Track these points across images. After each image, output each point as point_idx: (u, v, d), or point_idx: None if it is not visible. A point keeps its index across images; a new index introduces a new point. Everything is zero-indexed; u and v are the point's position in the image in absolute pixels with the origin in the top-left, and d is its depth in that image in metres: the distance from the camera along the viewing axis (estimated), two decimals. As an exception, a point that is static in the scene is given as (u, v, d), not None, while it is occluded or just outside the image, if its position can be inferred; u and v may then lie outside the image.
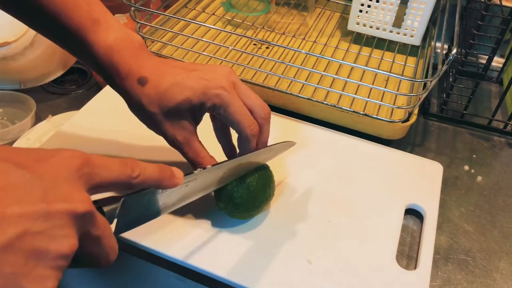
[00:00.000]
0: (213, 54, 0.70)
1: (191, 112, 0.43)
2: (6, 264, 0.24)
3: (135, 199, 0.36)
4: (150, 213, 0.39)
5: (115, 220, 0.35)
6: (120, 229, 0.36)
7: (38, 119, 0.66)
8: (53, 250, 0.25)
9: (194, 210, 0.50)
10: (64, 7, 0.41)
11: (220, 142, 0.48)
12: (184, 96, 0.42)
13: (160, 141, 0.50)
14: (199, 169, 0.42)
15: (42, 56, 0.70)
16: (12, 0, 0.42)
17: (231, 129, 0.47)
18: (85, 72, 0.77)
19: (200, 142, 0.46)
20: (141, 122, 0.46)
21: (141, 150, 0.56)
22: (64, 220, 0.26)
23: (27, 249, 0.24)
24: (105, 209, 0.33)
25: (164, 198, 0.39)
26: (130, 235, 0.48)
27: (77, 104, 0.68)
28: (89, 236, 0.29)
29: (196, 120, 0.45)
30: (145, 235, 0.48)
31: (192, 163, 0.45)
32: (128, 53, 0.43)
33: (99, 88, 0.70)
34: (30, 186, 0.26)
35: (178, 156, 0.46)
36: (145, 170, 0.34)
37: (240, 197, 0.46)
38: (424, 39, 0.75)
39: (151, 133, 0.51)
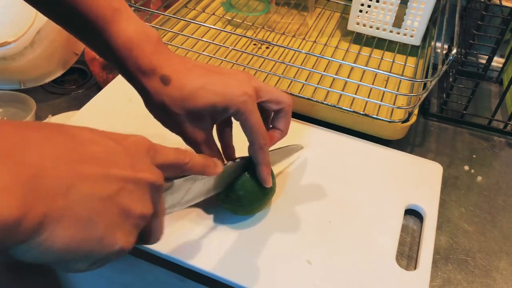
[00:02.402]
0: (213, 54, 0.70)
1: (213, 115, 0.43)
2: (109, 213, 0.28)
3: (182, 182, 0.40)
4: (187, 199, 0.42)
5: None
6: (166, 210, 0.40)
7: (38, 119, 0.66)
8: (137, 210, 0.30)
9: (193, 210, 0.51)
10: None
11: (220, 143, 0.49)
12: (209, 101, 0.41)
13: (158, 141, 0.49)
14: (229, 162, 0.45)
15: (42, 56, 0.70)
16: None
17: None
18: (85, 72, 0.77)
19: (215, 142, 0.47)
20: (141, 122, 0.46)
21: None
22: (146, 187, 0.31)
23: (121, 205, 0.29)
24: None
25: (200, 186, 0.43)
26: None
27: (77, 104, 0.68)
28: (155, 210, 0.33)
29: (215, 122, 0.45)
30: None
31: (206, 163, 0.45)
32: (148, 48, 0.42)
33: (99, 88, 0.70)
34: (123, 155, 0.31)
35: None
36: (193, 158, 0.38)
37: (244, 189, 0.46)
38: (424, 39, 0.75)
39: (151, 133, 0.50)
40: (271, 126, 0.48)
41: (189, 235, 0.48)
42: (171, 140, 0.50)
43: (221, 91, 0.42)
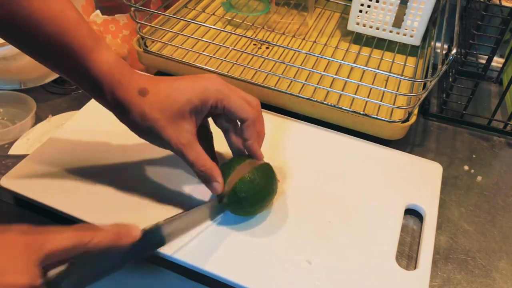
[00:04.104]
0: (213, 54, 0.70)
1: (193, 114, 0.46)
2: None
3: (81, 260, 0.36)
4: (107, 268, 0.40)
5: None
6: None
7: (38, 119, 0.66)
8: None
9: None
10: (67, 26, 0.42)
11: (232, 149, 0.50)
12: (185, 98, 0.44)
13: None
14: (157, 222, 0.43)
15: (42, 56, 0.70)
16: (6, 24, 0.42)
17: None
18: (85, 72, 0.77)
19: (200, 145, 0.46)
20: None
21: (141, 149, 0.56)
22: None
23: None
24: (50, 273, 0.35)
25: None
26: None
27: (77, 104, 0.68)
28: None
29: (196, 123, 0.47)
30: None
31: (195, 166, 0.46)
32: (126, 70, 0.46)
33: (99, 88, 0.70)
34: None
35: (170, 156, 0.46)
36: (97, 235, 0.36)
37: (245, 191, 0.46)
38: (424, 39, 0.75)
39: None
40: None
41: (189, 235, 0.48)
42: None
43: (195, 87, 0.45)
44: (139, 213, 0.50)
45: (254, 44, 0.77)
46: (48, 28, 0.42)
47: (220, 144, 0.52)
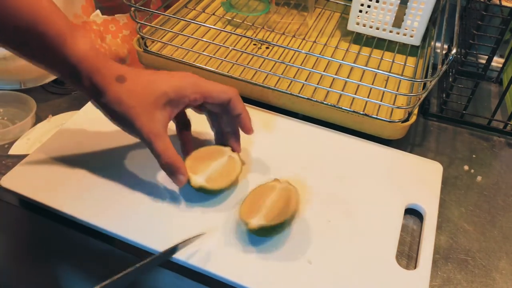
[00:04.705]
0: (213, 54, 0.70)
1: (167, 106, 0.48)
2: None
3: None
4: None
5: None
6: None
7: (38, 119, 0.66)
8: None
9: (193, 211, 0.51)
10: (43, 15, 0.44)
11: (213, 130, 0.55)
12: (162, 90, 0.47)
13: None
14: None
15: (42, 56, 0.70)
16: None
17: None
18: (85, 72, 0.77)
19: (168, 138, 0.49)
20: None
21: (141, 150, 0.56)
22: None
23: None
24: None
25: None
26: (131, 235, 0.48)
27: (77, 104, 0.68)
28: None
29: (170, 116, 0.49)
30: (145, 236, 0.48)
31: (161, 158, 0.48)
32: (102, 57, 0.47)
33: (99, 88, 0.70)
34: None
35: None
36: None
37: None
38: (424, 39, 0.75)
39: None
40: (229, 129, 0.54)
41: (189, 235, 0.48)
42: (172, 139, 0.50)
43: (175, 81, 0.48)
44: (139, 213, 0.50)
45: (254, 44, 0.77)
46: (23, 17, 0.43)
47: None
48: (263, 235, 0.48)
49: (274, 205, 0.48)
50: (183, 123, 0.55)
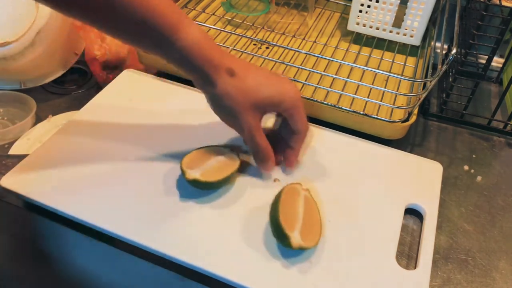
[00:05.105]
0: (213, 54, 0.70)
1: (267, 108, 0.51)
2: None
3: None
4: None
5: None
6: None
7: (38, 119, 0.66)
8: None
9: (194, 209, 0.51)
10: (156, 8, 0.45)
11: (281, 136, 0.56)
12: (268, 94, 0.50)
13: (157, 140, 0.49)
14: None
15: (42, 56, 0.70)
16: (97, 8, 0.44)
17: None
18: (85, 72, 0.77)
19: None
20: (139, 122, 0.47)
21: (141, 150, 0.56)
22: None
23: None
24: None
25: None
26: (131, 235, 0.48)
27: (77, 104, 0.68)
28: None
29: (264, 114, 0.52)
30: (146, 236, 0.48)
31: (260, 147, 0.52)
32: (214, 46, 0.49)
33: (99, 88, 0.70)
34: None
35: (173, 157, 0.46)
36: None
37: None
38: (424, 39, 0.75)
39: (150, 133, 0.50)
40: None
41: (189, 235, 0.48)
42: (172, 139, 0.50)
43: (278, 89, 0.51)
44: (139, 213, 0.50)
45: (254, 44, 0.77)
46: (137, 15, 0.44)
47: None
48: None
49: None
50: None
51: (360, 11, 0.74)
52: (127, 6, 0.43)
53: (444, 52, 0.62)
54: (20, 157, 0.56)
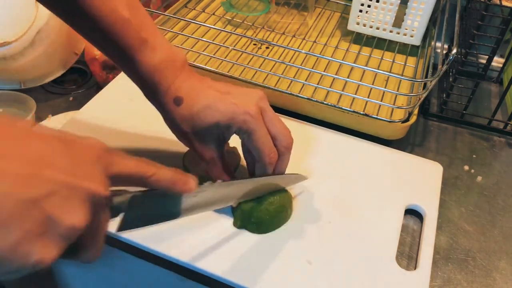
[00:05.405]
0: (213, 54, 0.70)
1: (219, 133, 0.46)
2: (28, 219, 0.26)
3: (144, 197, 0.36)
4: (155, 216, 0.39)
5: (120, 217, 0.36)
6: (123, 226, 0.37)
7: (38, 119, 0.66)
8: (67, 220, 0.27)
9: (194, 210, 0.51)
10: (115, 26, 0.43)
11: (245, 159, 0.50)
12: (214, 120, 0.44)
13: (157, 141, 0.49)
14: (209, 182, 0.42)
15: (42, 56, 0.70)
16: (70, 12, 0.44)
17: None
18: (85, 72, 0.77)
19: (225, 160, 0.48)
20: (141, 122, 0.49)
21: (140, 149, 0.56)
22: (84, 197, 0.28)
23: (47, 211, 0.26)
24: (115, 199, 0.34)
25: (172, 204, 0.40)
26: (131, 235, 0.48)
27: (77, 104, 0.68)
28: (92, 224, 0.30)
29: (225, 140, 0.47)
30: (146, 236, 0.48)
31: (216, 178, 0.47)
32: (169, 73, 0.45)
33: (99, 88, 0.70)
34: (64, 157, 0.28)
35: (173, 157, 0.46)
36: (159, 172, 0.35)
37: (259, 217, 0.47)
38: (424, 39, 0.75)
39: (150, 133, 0.50)
40: None
41: (189, 235, 0.48)
42: (172, 139, 0.50)
43: (225, 111, 0.44)
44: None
45: (254, 44, 0.77)
46: (101, 25, 0.43)
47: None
48: (248, 228, 0.49)
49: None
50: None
51: (360, 11, 0.74)
52: (94, 18, 0.43)
53: (444, 52, 0.62)
54: (20, 157, 0.56)
